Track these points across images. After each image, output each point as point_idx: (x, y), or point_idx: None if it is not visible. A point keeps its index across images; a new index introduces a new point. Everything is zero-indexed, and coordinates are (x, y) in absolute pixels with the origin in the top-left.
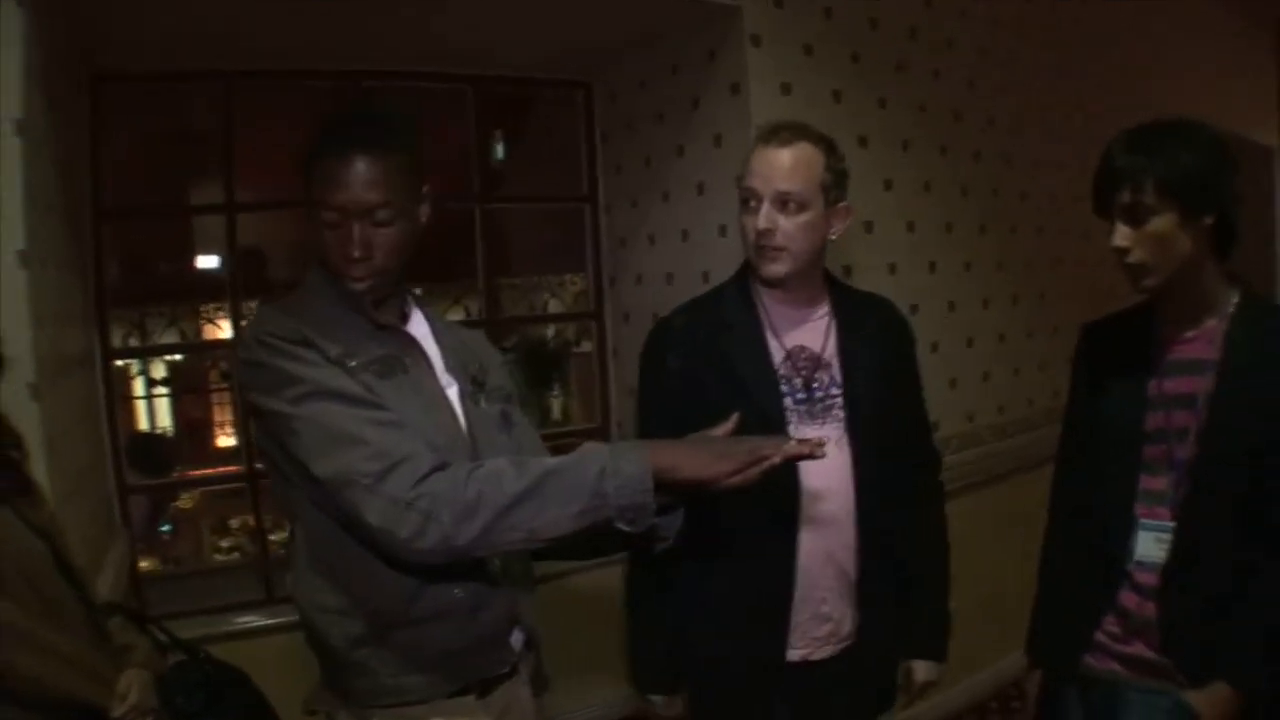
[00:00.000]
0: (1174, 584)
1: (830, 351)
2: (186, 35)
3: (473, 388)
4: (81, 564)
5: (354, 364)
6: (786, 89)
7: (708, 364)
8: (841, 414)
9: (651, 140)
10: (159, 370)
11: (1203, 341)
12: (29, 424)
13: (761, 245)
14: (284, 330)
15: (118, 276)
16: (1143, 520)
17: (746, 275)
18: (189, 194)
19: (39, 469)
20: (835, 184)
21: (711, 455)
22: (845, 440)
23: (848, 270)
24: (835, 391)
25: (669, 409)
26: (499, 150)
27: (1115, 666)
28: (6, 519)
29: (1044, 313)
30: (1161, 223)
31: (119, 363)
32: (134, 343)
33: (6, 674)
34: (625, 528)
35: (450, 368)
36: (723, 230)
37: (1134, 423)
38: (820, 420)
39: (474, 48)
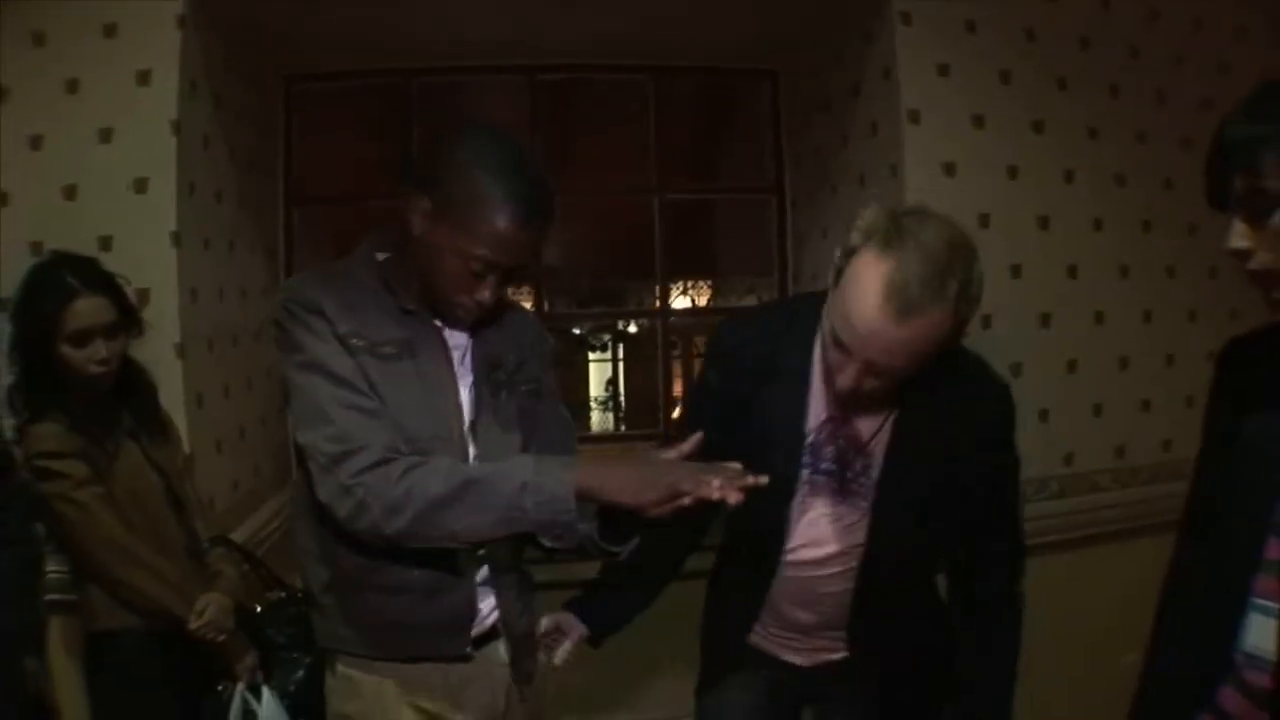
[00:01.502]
0: None
1: (878, 440)
2: (370, 37)
3: (494, 381)
4: (193, 503)
5: (359, 343)
6: (944, 70)
7: (742, 398)
8: (867, 501)
9: (823, 130)
10: None
11: None
12: (172, 379)
13: (840, 395)
14: (303, 298)
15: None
16: (1258, 600)
17: (817, 320)
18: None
19: (179, 417)
20: (955, 337)
21: (640, 482)
22: (863, 529)
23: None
24: (866, 481)
25: (703, 418)
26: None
27: None
28: (131, 455)
29: (1197, 333)
30: None
31: None
32: None
33: (111, 582)
34: (548, 543)
35: (476, 357)
36: None
37: (1271, 469)
38: (840, 500)
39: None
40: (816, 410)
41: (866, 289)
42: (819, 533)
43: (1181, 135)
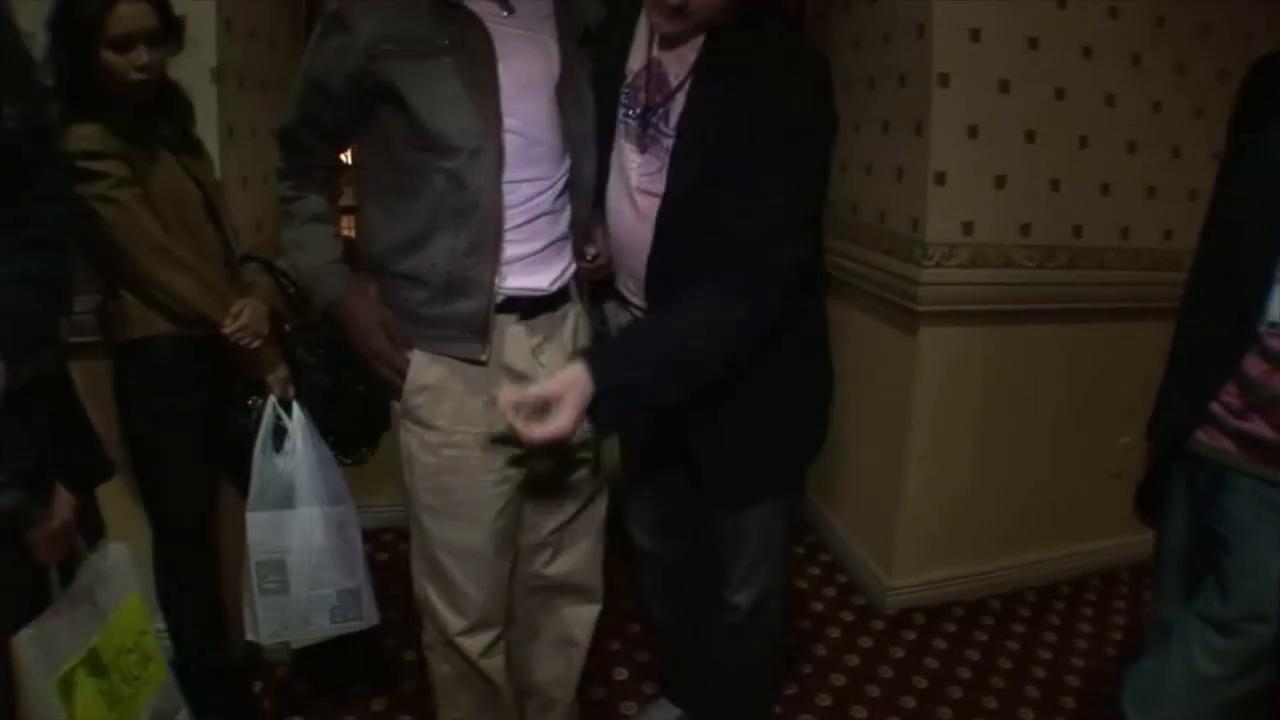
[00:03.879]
0: None
1: (684, 79)
2: None
3: (579, 44)
4: (228, 216)
5: (388, 48)
6: None
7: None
8: (665, 154)
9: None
10: None
11: None
12: (206, 103)
13: (672, 9)
14: (335, 7)
15: None
16: None
17: None
18: None
19: (212, 144)
20: None
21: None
22: (659, 178)
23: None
24: (665, 130)
25: None
26: None
27: (1228, 445)
28: (169, 163)
29: (1203, 129)
30: None
31: None
32: None
33: (149, 283)
34: None
35: (561, 24)
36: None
37: None
38: (644, 149)
39: None
40: (637, 58)
41: None
42: (628, 179)
43: None
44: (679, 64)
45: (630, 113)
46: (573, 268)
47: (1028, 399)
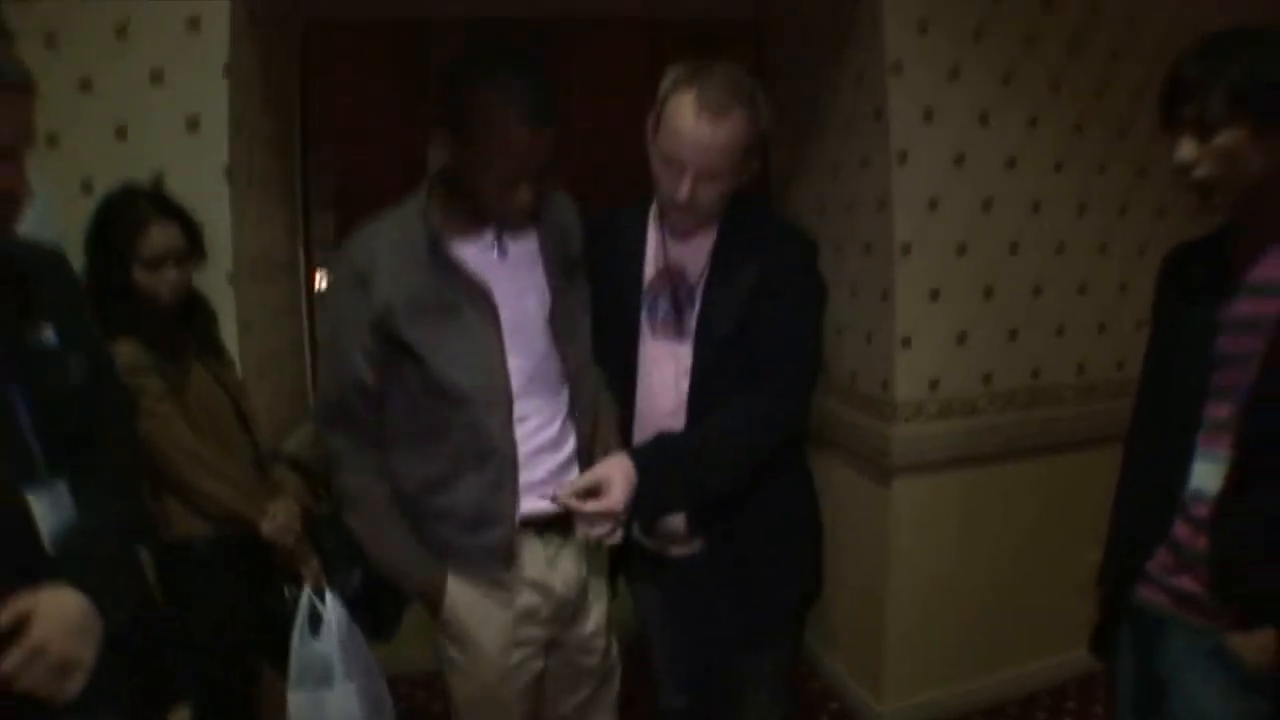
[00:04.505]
0: (1226, 518)
1: (701, 272)
2: None
3: (568, 278)
4: (256, 418)
5: (401, 304)
6: (923, 26)
7: (594, 265)
8: (692, 335)
9: (809, 78)
10: None
11: (1277, 262)
12: (225, 305)
13: (679, 208)
14: (353, 263)
15: (340, 211)
16: (1201, 449)
17: (649, 202)
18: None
19: (231, 342)
20: (758, 144)
21: None
22: (689, 358)
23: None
24: (688, 315)
25: None
26: None
27: (1163, 600)
28: (199, 372)
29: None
30: (1230, 136)
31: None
32: None
33: (188, 490)
34: None
35: (547, 253)
36: (863, 162)
37: (1203, 347)
38: (674, 339)
39: None
40: (652, 264)
41: (685, 110)
42: (664, 374)
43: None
44: (694, 261)
45: (657, 313)
46: None
47: (999, 531)
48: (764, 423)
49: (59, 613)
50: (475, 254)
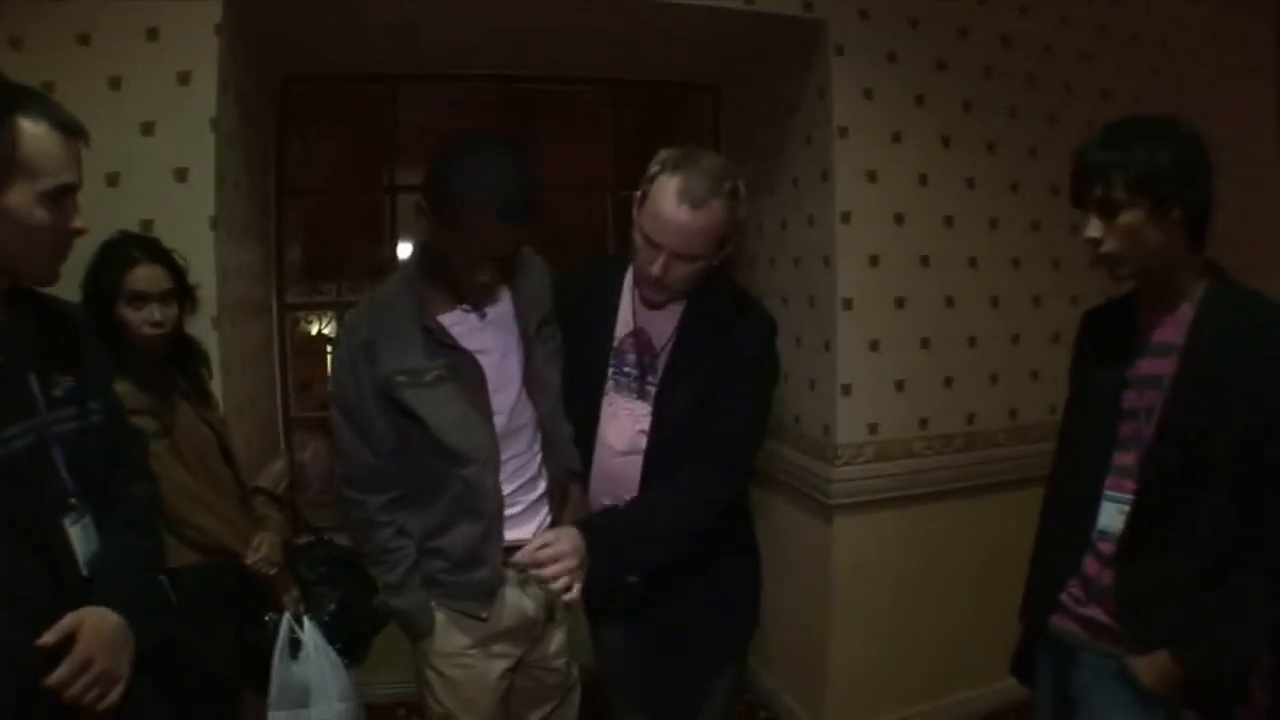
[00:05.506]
0: (1128, 554)
1: (667, 342)
2: (360, 43)
3: (541, 335)
4: (239, 455)
5: (403, 379)
6: (869, 93)
7: (571, 317)
8: (651, 398)
9: (763, 140)
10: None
11: (1173, 326)
12: (210, 349)
13: (651, 282)
14: (357, 337)
15: (308, 249)
16: (1108, 492)
17: (624, 266)
18: (369, 178)
19: (216, 384)
20: (733, 233)
21: None
22: (647, 419)
23: (926, 260)
24: (652, 379)
25: None
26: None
27: (1075, 628)
28: (188, 413)
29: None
30: (1132, 216)
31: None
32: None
33: (180, 524)
34: None
35: (520, 315)
36: (810, 220)
37: (1112, 401)
38: (634, 395)
39: (616, 56)
40: (624, 326)
41: (668, 194)
42: (620, 426)
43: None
44: (661, 329)
45: (623, 370)
46: (549, 519)
47: (936, 566)
48: (705, 502)
49: (101, 630)
50: (458, 318)
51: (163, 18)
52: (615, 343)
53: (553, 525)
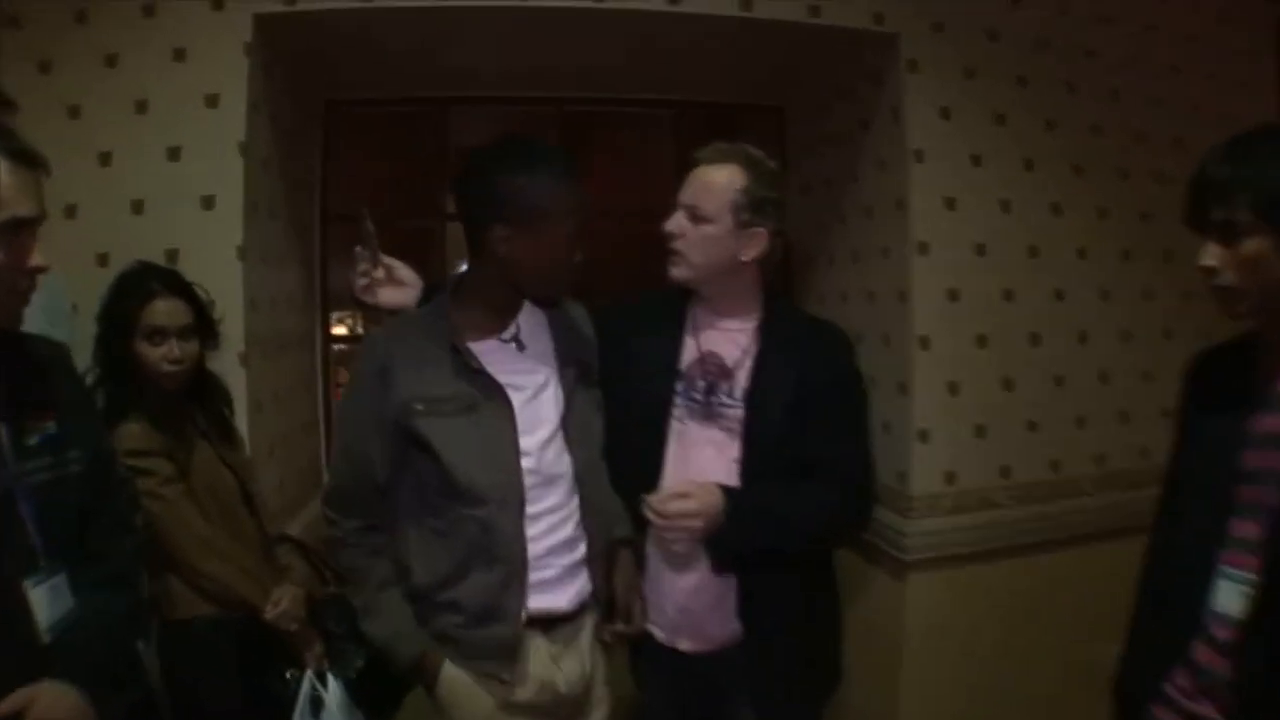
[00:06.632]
0: (1253, 643)
1: (743, 364)
2: (404, 67)
3: (583, 379)
4: (263, 500)
5: (420, 407)
6: (945, 113)
7: (626, 346)
8: (736, 423)
9: (832, 164)
10: None
11: None
12: (237, 386)
13: (667, 247)
14: (375, 361)
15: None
16: (1225, 568)
17: (684, 299)
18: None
19: (242, 423)
20: (750, 208)
21: None
22: (736, 444)
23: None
24: (730, 402)
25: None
26: None
27: None
28: (207, 454)
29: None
30: (1256, 244)
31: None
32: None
33: (193, 572)
34: None
35: (562, 358)
36: (884, 252)
37: (1229, 461)
38: (710, 423)
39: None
40: (689, 353)
41: (697, 161)
42: (703, 455)
43: (1156, 171)
44: (730, 349)
45: (692, 396)
46: (589, 587)
47: (1016, 626)
48: (831, 513)
49: (55, 709)
50: (493, 347)
51: (190, 38)
52: (683, 368)
53: (593, 595)
